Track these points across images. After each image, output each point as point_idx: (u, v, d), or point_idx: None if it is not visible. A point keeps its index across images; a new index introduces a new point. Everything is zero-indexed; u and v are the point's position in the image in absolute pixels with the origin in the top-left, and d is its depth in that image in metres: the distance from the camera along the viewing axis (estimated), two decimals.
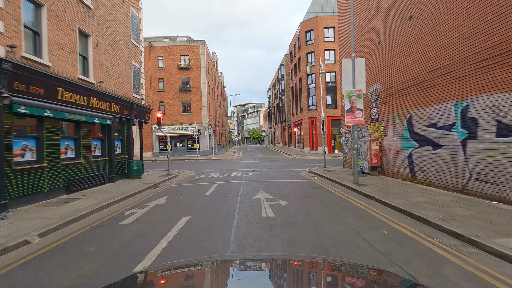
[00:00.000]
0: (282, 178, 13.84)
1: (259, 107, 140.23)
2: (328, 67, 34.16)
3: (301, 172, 16.76)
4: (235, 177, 14.59)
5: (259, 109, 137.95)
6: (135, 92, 15.55)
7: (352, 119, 10.17)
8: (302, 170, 18.09)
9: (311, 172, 15.91)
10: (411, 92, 9.75)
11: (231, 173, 16.46)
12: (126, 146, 14.34)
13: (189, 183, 12.90)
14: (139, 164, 14.04)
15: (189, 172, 18.18)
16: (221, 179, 13.99)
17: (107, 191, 10.42)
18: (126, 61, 14.53)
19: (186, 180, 14.28)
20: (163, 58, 35.35)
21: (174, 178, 15.13)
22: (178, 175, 16.63)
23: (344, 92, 10.26)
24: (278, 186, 10.92)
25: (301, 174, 15.47)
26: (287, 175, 15.23)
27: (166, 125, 35.04)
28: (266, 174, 15.80)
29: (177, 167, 21.78)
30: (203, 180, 13.90)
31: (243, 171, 17.46)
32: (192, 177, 15.28)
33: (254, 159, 29.22)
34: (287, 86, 50.81)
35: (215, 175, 15.96)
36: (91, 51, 11.35)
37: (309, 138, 36.33)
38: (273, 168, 19.20)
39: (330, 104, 35.01)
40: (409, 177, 9.95)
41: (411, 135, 9.77)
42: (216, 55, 48.06)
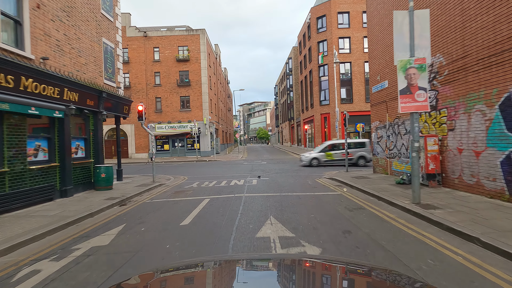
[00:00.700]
0: (297, 188, 10.33)
1: (265, 106, 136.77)
2: (343, 57, 30.48)
3: (320, 178, 13.22)
4: (235, 187, 11.13)
5: (266, 108, 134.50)
6: (107, 78, 12.20)
7: (411, 103, 6.59)
8: (319, 175, 14.54)
9: (333, 179, 12.36)
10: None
11: (230, 180, 13.01)
12: (92, 148, 10.99)
13: (171, 197, 9.47)
14: (108, 170, 10.67)
15: (181, 178, 14.79)
16: (215, 190, 10.54)
17: (41, 215, 7.05)
18: (92, 36, 11.18)
19: (171, 191, 10.88)
20: (159, 50, 32.09)
21: (157, 188, 11.74)
22: (166, 182, 13.26)
23: (397, 63, 6.70)
24: (295, 207, 7.40)
25: (320, 182, 11.94)
26: (302, 183, 11.71)
27: (163, 123, 31.82)
28: (275, 181, 12.31)
29: (169, 172, 18.43)
30: (192, 192, 10.47)
31: (247, 177, 14.00)
32: (180, 187, 11.87)
33: (260, 160, 25.73)
34: (295, 81, 47.16)
35: (210, 183, 12.53)
36: (27, 14, 8.00)
37: (321, 136, 32.67)
38: (283, 173, 15.68)
39: (344, 98, 31.36)
40: (506, 194, 6.33)
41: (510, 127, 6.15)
42: (219, 48, 44.70)
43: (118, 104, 12.78)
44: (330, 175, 14.17)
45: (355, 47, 31.09)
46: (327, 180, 12.61)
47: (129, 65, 31.86)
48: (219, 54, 45.40)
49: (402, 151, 10.51)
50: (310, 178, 13.42)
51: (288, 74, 50.03)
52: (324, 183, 11.54)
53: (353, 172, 14.72)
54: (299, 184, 11.58)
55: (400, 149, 10.65)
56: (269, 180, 12.99)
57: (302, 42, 39.49)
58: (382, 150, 12.31)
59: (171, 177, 15.37)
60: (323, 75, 32.50)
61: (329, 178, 12.86)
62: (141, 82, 31.99)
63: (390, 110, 11.33)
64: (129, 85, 31.78)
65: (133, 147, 32.13)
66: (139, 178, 14.81)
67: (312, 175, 14.74)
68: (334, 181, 12.08)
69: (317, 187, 10.63)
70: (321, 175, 14.44)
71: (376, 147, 12.86)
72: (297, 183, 11.73)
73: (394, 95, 10.95)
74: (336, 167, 18.21)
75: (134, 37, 31.85)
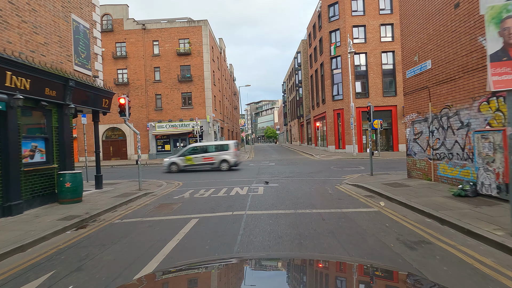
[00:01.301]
0: (317, 201, 7.88)
1: (273, 104, 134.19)
2: (357, 48, 27.74)
3: (340, 184, 10.73)
4: (236, 198, 8.73)
5: (273, 106, 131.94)
6: (79, 64, 9.95)
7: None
8: (339, 179, 12.07)
9: (358, 186, 9.87)
10: None
11: (232, 188, 10.64)
12: (56, 150, 8.75)
13: (149, 216, 7.13)
14: (75, 179, 8.42)
15: (174, 184, 12.51)
16: (210, 204, 8.17)
17: None
18: (56, 11, 8.94)
19: (154, 204, 8.56)
20: (159, 43, 29.93)
21: (139, 200, 9.45)
22: (154, 190, 10.98)
23: (485, 12, 4.19)
24: (320, 238, 4.92)
25: (343, 190, 9.46)
26: (321, 192, 9.25)
27: (163, 121, 29.69)
28: (287, 189, 9.88)
29: (165, 175, 16.18)
30: (179, 206, 8.13)
31: (252, 183, 11.60)
32: (169, 197, 9.54)
33: (268, 161, 23.30)
34: (304, 76, 44.53)
35: (206, 191, 10.18)
36: None
37: (334, 134, 30.05)
38: (294, 177, 13.24)
39: (359, 92, 28.67)
40: None
41: None
42: (223, 43, 42.40)
43: (96, 96, 10.54)
44: (352, 179, 11.68)
45: (371, 36, 28.34)
46: (351, 187, 10.11)
47: (127, 60, 29.83)
48: (223, 48, 43.10)
49: (455, 151, 7.94)
50: (329, 184, 10.95)
51: (296, 70, 47.42)
52: (350, 192, 9.05)
53: (380, 175, 12.18)
54: (318, 193, 9.12)
55: (452, 148, 8.09)
56: (278, 187, 10.56)
57: (312, 33, 36.84)
58: (421, 150, 9.73)
59: (164, 183, 13.12)
60: (336, 67, 29.83)
61: (353, 185, 10.36)
62: (140, 78, 29.91)
63: (435, 98, 8.77)
64: (128, 82, 29.73)
65: (132, 147, 30.09)
66: (124, 184, 12.57)
67: (330, 179, 12.26)
68: (361, 188, 9.57)
69: (343, 198, 8.14)
70: (340, 180, 11.96)
71: (413, 146, 10.28)
72: (314, 192, 9.27)
73: (441, 78, 8.39)
74: (355, 169, 15.65)
75: (132, 30, 29.79)
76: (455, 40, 7.71)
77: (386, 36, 28.52)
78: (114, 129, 30.25)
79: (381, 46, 28.29)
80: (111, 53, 29.68)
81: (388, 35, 28.53)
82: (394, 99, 28.09)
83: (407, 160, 10.70)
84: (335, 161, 21.33)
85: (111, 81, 29.74)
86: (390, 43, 28.25)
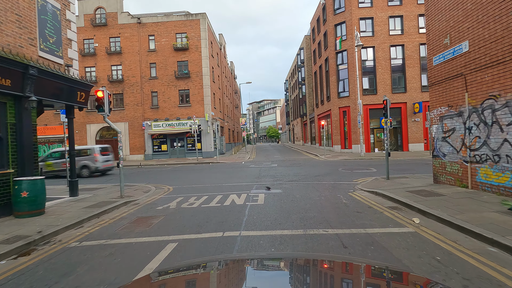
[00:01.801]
0: (331, 215, 6.30)
1: (275, 104, 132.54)
2: (364, 41, 26.07)
3: (355, 191, 9.15)
4: (230, 210, 7.16)
5: (275, 106, 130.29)
6: (46, 49, 8.42)
7: None
8: (350, 183, 10.50)
9: (376, 193, 8.29)
10: None
11: (227, 195, 9.08)
12: (11, 151, 7.21)
13: (118, 236, 5.55)
14: (34, 186, 6.89)
15: (164, 190, 10.98)
16: (197, 219, 6.61)
17: None
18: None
19: (131, 217, 7.02)
20: (155, 38, 28.41)
21: (116, 211, 7.91)
22: (139, 197, 9.45)
23: None
24: None
25: (360, 198, 7.87)
26: (334, 202, 7.66)
27: (160, 120, 28.19)
28: (292, 197, 8.30)
29: (156, 178, 14.68)
30: (159, 221, 6.57)
31: (251, 189, 10.04)
32: (151, 208, 7.99)
33: (270, 162, 21.72)
34: (308, 73, 42.89)
35: (196, 200, 8.63)
36: None
37: (340, 133, 28.44)
38: (300, 181, 11.65)
39: (367, 89, 27.01)
40: None
41: None
42: (223, 38, 40.82)
43: (69, 89, 9.02)
44: (366, 184, 10.10)
45: (379, 29, 26.68)
46: (368, 194, 8.52)
47: (121, 56, 28.35)
48: (223, 45, 41.54)
49: (504, 152, 6.33)
50: (340, 190, 9.37)
51: (299, 66, 45.78)
52: (368, 202, 7.46)
53: (398, 180, 10.58)
54: (329, 203, 7.54)
55: (499, 149, 6.48)
56: (282, 194, 8.99)
57: (316, 27, 35.20)
58: (453, 150, 8.12)
59: (153, 188, 11.60)
60: (342, 63, 28.21)
61: (370, 191, 8.77)
62: (135, 75, 28.41)
63: (474, 87, 7.16)
64: (122, 78, 28.25)
65: (127, 148, 28.62)
66: (107, 190, 11.05)
67: (340, 184, 10.68)
68: (381, 197, 7.99)
69: (362, 211, 6.54)
70: (352, 185, 10.39)
71: (441, 145, 8.66)
72: (325, 201, 7.69)
73: (484, 62, 6.79)
74: (366, 171, 14.05)
75: (126, 24, 28.29)
76: (505, 12, 6.10)
77: (395, 29, 26.85)
78: (109, 128, 28.78)
79: (390, 39, 26.64)
80: (104, 49, 28.22)
81: (397, 28, 26.86)
82: (404, 96, 26.44)
83: (434, 162, 9.07)
84: (342, 162, 19.73)
85: (105, 78, 28.31)
86: (399, 36, 26.58)
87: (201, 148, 28.05)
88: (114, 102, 28.64)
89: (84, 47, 28.42)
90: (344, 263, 1.55)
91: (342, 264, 1.51)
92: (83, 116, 28.46)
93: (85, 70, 28.47)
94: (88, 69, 28.60)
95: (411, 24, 26.42)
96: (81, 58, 28.28)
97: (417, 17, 26.36)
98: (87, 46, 28.56)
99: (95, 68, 28.46)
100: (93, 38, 28.38)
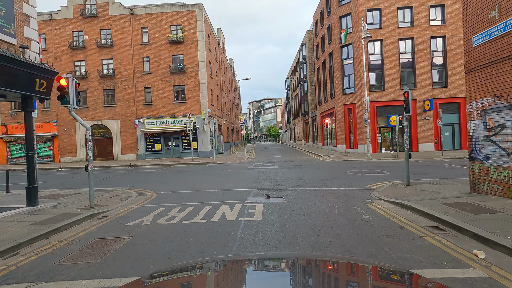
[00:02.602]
0: (351, 241, 4.61)
1: (276, 103, 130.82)
2: (372, 34, 24.28)
3: (372, 201, 7.47)
4: (218, 228, 5.48)
5: (276, 105, 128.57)
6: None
7: None
8: (364, 190, 8.84)
9: (403, 206, 6.60)
10: None
11: (218, 206, 7.41)
12: None
13: (49, 277, 3.89)
14: None
15: (143, 198, 9.31)
16: (172, 244, 4.94)
17: None
18: None
19: (89, 239, 5.35)
20: (148, 30, 26.71)
21: (75, 227, 6.24)
22: (109, 209, 7.78)
23: None
24: None
25: (385, 214, 6.19)
26: (351, 218, 5.96)
27: (153, 118, 26.51)
28: (298, 212, 6.62)
29: (142, 182, 13.01)
30: (124, 245, 4.91)
31: (247, 197, 8.37)
32: (120, 223, 6.31)
33: (271, 163, 20.04)
34: (310, 70, 41.21)
35: (179, 213, 6.95)
36: None
37: (344, 132, 26.76)
38: (305, 187, 9.97)
39: (374, 85, 25.32)
40: None
41: None
42: (222, 33, 39.10)
43: (26, 75, 7.35)
44: (383, 191, 8.47)
45: (388, 22, 24.96)
46: (391, 206, 6.85)
47: (112, 49, 26.66)
48: (222, 40, 39.82)
49: None
50: (355, 199, 7.72)
51: (301, 63, 44.05)
52: (396, 218, 5.79)
53: (420, 186, 8.91)
54: (346, 219, 5.87)
55: None
56: (284, 205, 7.32)
57: (319, 21, 33.46)
58: (501, 152, 6.43)
59: (134, 193, 9.97)
60: (347, 57, 26.49)
61: (391, 202, 7.10)
62: (127, 69, 26.73)
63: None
64: (114, 73, 26.56)
65: (119, 147, 26.95)
66: (76, 198, 9.35)
67: (353, 190, 9.01)
68: (409, 210, 6.31)
69: (394, 235, 4.86)
70: (367, 192, 8.75)
71: (482, 146, 6.96)
72: (339, 217, 6.02)
73: None
74: (377, 174, 12.37)
75: (118, 16, 26.60)
76: None
77: (404, 21, 25.13)
78: (98, 126, 27.14)
79: (399, 32, 24.92)
80: (95, 41, 26.52)
81: (407, 20, 25.13)
82: (413, 93, 24.68)
83: (472, 166, 7.38)
84: (348, 163, 18.06)
85: (95, 73, 26.63)
86: (408, 29, 24.86)
87: (197, 148, 26.38)
88: (105, 98, 26.98)
89: (73, 39, 26.73)
90: (349, 263, 1.52)
91: (347, 265, 1.48)
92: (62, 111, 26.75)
93: (74, 64, 26.80)
94: (78, 63, 26.91)
95: (422, 16, 24.69)
96: (70, 51, 26.63)
97: (428, 8, 24.64)
98: (76, 39, 26.87)
99: (85, 62, 26.77)
100: (82, 30, 26.69)
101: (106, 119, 26.81)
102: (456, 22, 24.31)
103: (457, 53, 24.35)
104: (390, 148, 25.22)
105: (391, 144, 25.28)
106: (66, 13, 26.68)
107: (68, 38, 26.64)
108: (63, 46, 26.65)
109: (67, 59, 26.66)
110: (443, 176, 11.66)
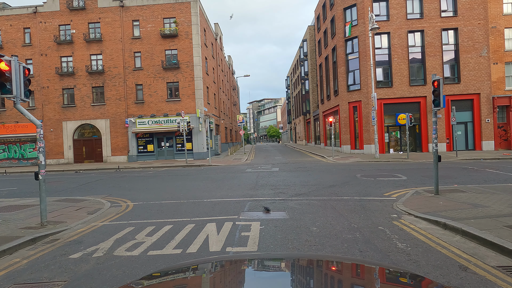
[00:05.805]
0: None
1: (276, 103, 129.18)
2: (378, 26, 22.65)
3: (402, 218, 5.77)
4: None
5: (276, 105, 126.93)
6: None
7: None
8: (382, 200, 7.14)
9: (446, 226, 4.90)
10: None
11: (202, 225, 5.73)
12: None
13: None
14: None
15: (116, 211, 7.61)
16: None
17: None
18: None
19: (9, 282, 3.66)
20: (139, 23, 25.02)
21: (6, 258, 4.54)
22: (64, 229, 6.13)
23: None
24: None
25: (427, 241, 4.46)
26: (382, 248, 4.24)
27: (145, 117, 24.82)
28: (306, 237, 4.92)
29: (125, 188, 11.32)
30: None
31: (240, 212, 6.67)
32: (66, 252, 4.62)
33: (271, 165, 18.34)
34: (311, 67, 39.54)
35: (149, 237, 5.26)
36: None
37: (349, 132, 25.05)
38: (311, 196, 8.27)
39: (381, 81, 23.63)
40: None
41: None
42: (219, 29, 37.42)
43: None
44: (409, 203, 6.78)
45: (396, 13, 23.26)
46: (429, 227, 5.16)
47: (101, 44, 24.97)
48: (220, 35, 38.14)
49: None
50: (377, 214, 6.03)
51: (302, 60, 42.36)
52: (446, 249, 4.10)
53: (452, 195, 7.22)
54: (375, 249, 4.17)
55: None
56: (288, 224, 5.63)
57: (322, 14, 31.78)
58: None
59: (107, 203, 8.32)
60: (352, 52, 24.79)
61: (427, 220, 5.43)
62: (117, 65, 25.04)
63: None
64: (103, 69, 24.87)
65: (109, 148, 25.24)
66: (32, 211, 7.65)
67: (369, 200, 7.32)
68: (458, 235, 4.63)
69: (463, 285, 3.19)
70: (385, 201, 7.10)
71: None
72: (365, 245, 4.33)
73: None
74: (393, 179, 10.67)
75: (107, 8, 24.91)
76: None
77: (414, 13, 23.41)
78: (87, 126, 25.45)
79: (407, 24, 23.21)
80: (82, 35, 24.84)
81: (416, 11, 23.41)
82: (423, 89, 23.02)
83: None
84: (356, 165, 16.35)
85: (83, 69, 24.94)
86: (418, 20, 23.15)
87: (191, 149, 24.68)
88: (94, 96, 25.28)
89: (59, 33, 25.04)
90: (354, 264, 1.48)
91: (351, 266, 1.45)
92: (58, 112, 25.14)
93: (61, 60, 25.10)
94: (65, 58, 25.21)
95: (432, 7, 22.99)
96: (56, 46, 24.94)
97: None
98: (63, 33, 25.17)
99: (72, 58, 25.07)
100: (69, 24, 24.99)
101: (95, 119, 25.10)
102: (469, 13, 22.62)
103: (470, 46, 22.65)
104: (399, 149, 23.53)
105: (399, 144, 23.60)
106: (52, 5, 24.99)
107: (54, 32, 24.96)
108: (48, 40, 24.96)
109: (53, 55, 24.96)
110: (471, 182, 9.99)
